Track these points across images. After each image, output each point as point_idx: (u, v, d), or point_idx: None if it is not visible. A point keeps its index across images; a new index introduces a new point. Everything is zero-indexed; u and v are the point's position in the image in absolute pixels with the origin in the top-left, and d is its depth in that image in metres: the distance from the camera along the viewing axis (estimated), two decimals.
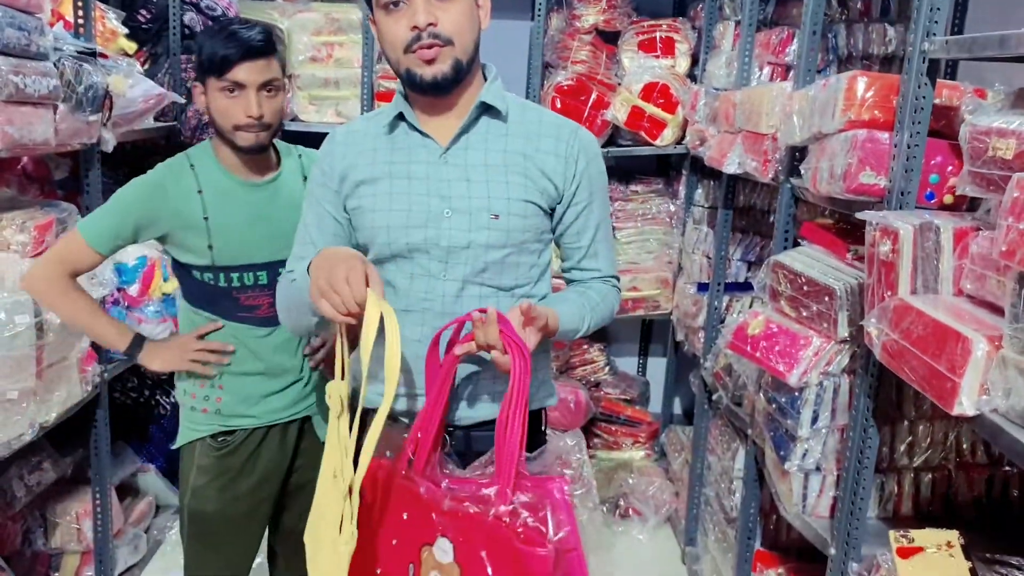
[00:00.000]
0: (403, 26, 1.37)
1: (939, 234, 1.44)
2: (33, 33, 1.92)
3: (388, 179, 1.45)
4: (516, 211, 1.44)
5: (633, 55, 3.41)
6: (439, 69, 1.38)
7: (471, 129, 1.46)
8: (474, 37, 1.41)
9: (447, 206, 1.43)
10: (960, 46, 1.42)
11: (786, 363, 1.87)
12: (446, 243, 1.43)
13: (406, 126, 1.47)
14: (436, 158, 1.45)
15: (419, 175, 1.45)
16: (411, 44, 1.37)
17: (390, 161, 1.46)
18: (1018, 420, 1.19)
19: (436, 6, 1.36)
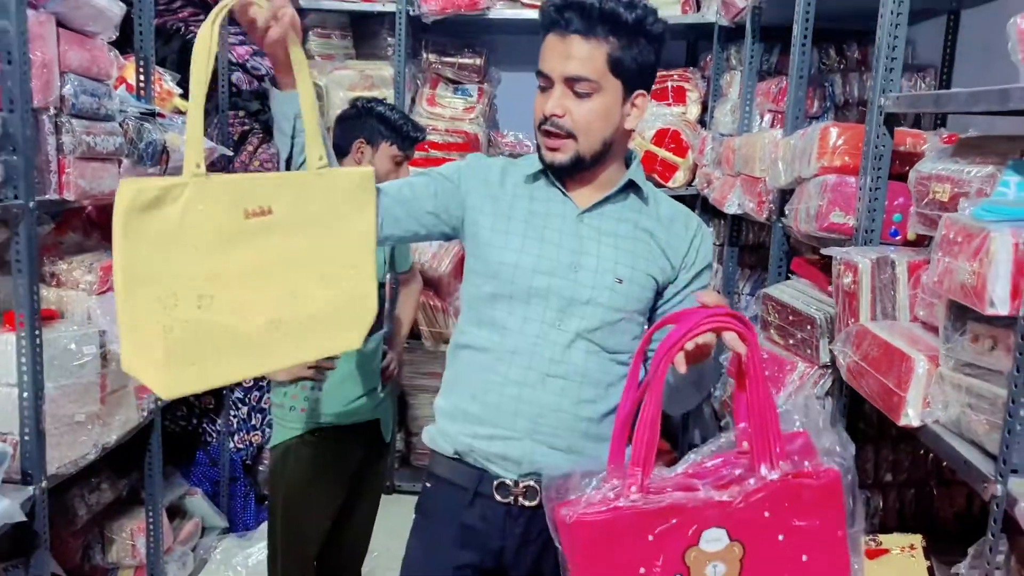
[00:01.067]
0: (539, 107, 1.44)
1: (895, 267, 1.62)
2: (103, 98, 2.18)
3: (525, 221, 1.49)
4: (638, 280, 1.49)
5: None
6: (557, 157, 1.44)
7: (612, 200, 1.51)
8: (605, 135, 1.44)
9: (576, 261, 1.47)
10: (906, 102, 1.62)
11: (774, 387, 2.04)
12: (568, 294, 1.47)
13: (547, 182, 1.52)
14: (573, 216, 1.50)
15: (554, 227, 1.49)
16: (540, 124, 1.44)
17: (529, 208, 1.51)
18: (954, 429, 1.37)
19: (571, 98, 1.41)
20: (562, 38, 1.40)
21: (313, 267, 1.31)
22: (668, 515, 1.20)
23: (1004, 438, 1.17)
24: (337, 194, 1.32)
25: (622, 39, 1.39)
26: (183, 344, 1.21)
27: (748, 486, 1.22)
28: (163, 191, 1.17)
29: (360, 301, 1.37)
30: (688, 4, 3.59)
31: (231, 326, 1.25)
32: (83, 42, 2.11)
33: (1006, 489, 1.15)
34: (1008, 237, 1.15)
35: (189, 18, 3.11)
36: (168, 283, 1.19)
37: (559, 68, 1.40)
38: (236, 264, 1.24)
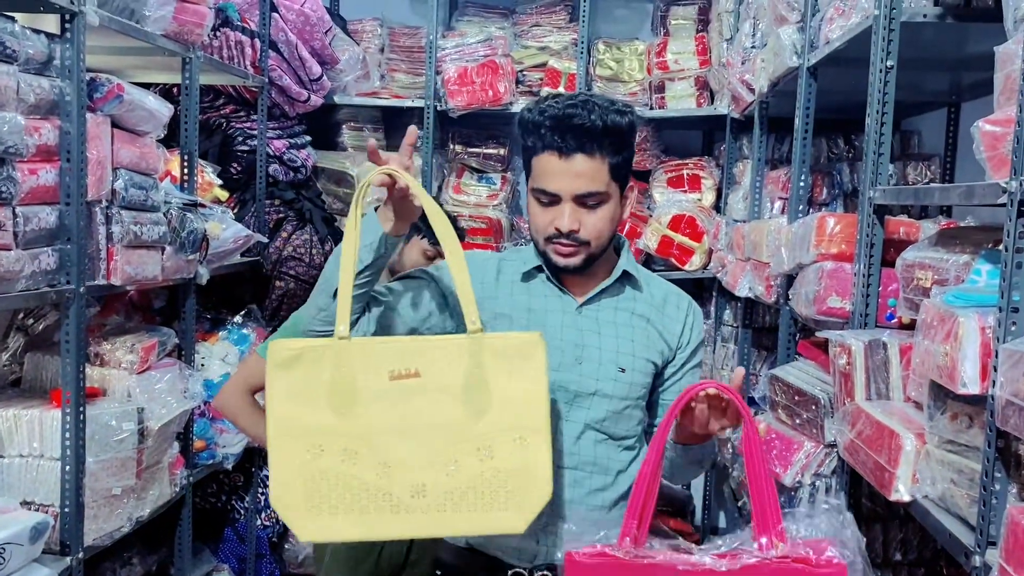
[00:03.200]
0: (548, 220, 1.45)
1: (887, 349, 1.71)
2: (150, 190, 2.36)
3: (526, 319, 1.50)
4: (639, 367, 1.52)
5: (663, 190, 3.78)
6: (571, 262, 1.47)
7: (608, 291, 1.54)
8: (611, 234, 1.50)
9: (579, 354, 1.50)
10: (893, 195, 1.73)
11: (782, 465, 2.11)
12: (575, 388, 1.49)
13: (543, 278, 1.54)
14: (572, 310, 1.53)
15: (554, 322, 1.51)
16: (551, 238, 1.46)
17: (528, 306, 1.52)
18: (941, 504, 1.43)
19: (582, 212, 1.44)
20: (566, 159, 1.42)
21: (467, 436, 1.28)
22: (657, 573, 1.21)
23: (980, 511, 1.24)
24: (496, 359, 1.29)
25: (618, 146, 1.45)
26: (325, 494, 1.27)
27: (746, 559, 1.25)
28: (302, 351, 1.28)
29: (526, 478, 1.30)
30: (703, 97, 3.77)
31: (376, 484, 1.28)
32: (134, 140, 2.31)
33: (983, 560, 1.21)
34: (975, 322, 1.24)
35: (231, 114, 3.33)
36: (314, 435, 1.27)
37: (569, 188, 1.43)
38: (382, 423, 1.27)
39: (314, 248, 3.29)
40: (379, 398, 1.28)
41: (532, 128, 1.45)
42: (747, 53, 3.05)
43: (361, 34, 3.93)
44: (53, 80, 1.96)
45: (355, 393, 1.27)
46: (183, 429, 2.70)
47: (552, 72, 3.81)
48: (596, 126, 1.41)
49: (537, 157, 1.46)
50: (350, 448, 1.28)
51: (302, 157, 3.49)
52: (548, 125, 1.43)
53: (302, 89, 3.41)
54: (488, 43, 3.82)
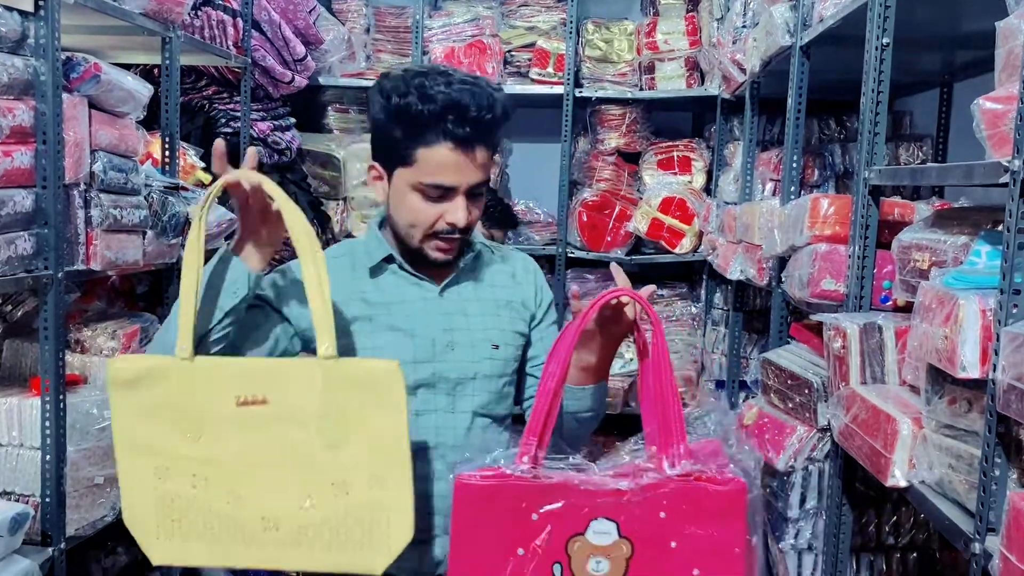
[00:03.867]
0: (435, 214, 1.37)
1: (882, 332, 1.68)
2: (130, 173, 2.31)
3: (386, 316, 1.42)
4: (511, 341, 1.48)
5: (653, 173, 3.75)
6: (450, 257, 1.42)
7: (465, 270, 1.48)
8: None
9: (450, 339, 1.43)
10: (888, 175, 1.70)
11: (774, 449, 2.09)
12: (455, 375, 1.42)
13: (395, 268, 1.46)
14: (433, 295, 1.46)
15: (417, 311, 1.44)
16: (439, 234, 1.38)
17: (385, 300, 1.44)
18: (938, 490, 1.41)
19: (470, 203, 1.38)
20: (466, 152, 1.34)
21: (322, 469, 1.20)
22: (556, 494, 1.15)
23: (980, 497, 1.22)
24: (352, 389, 1.20)
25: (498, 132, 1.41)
26: (177, 518, 1.20)
27: (647, 478, 1.17)
28: (144, 372, 1.19)
29: (385, 517, 1.22)
30: (693, 78, 3.73)
31: (226, 513, 1.21)
32: (113, 122, 2.25)
33: (983, 547, 1.19)
34: (975, 304, 1.21)
35: (213, 95, 3.27)
36: (161, 456, 1.19)
37: (466, 180, 1.36)
38: (230, 451, 1.19)
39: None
40: (227, 424, 1.20)
41: (420, 117, 1.32)
42: (738, 32, 3.01)
43: (346, 14, 3.87)
44: (27, 59, 1.90)
45: (202, 418, 1.19)
46: None
47: (540, 52, 3.75)
48: (496, 117, 1.34)
49: (428, 149, 1.34)
50: (199, 474, 1.20)
51: (287, 139, 3.43)
52: (443, 115, 1.31)
53: (286, 70, 3.34)
54: (475, 23, 3.76)
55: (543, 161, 4.01)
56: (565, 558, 1.17)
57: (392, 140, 1.37)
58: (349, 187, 3.63)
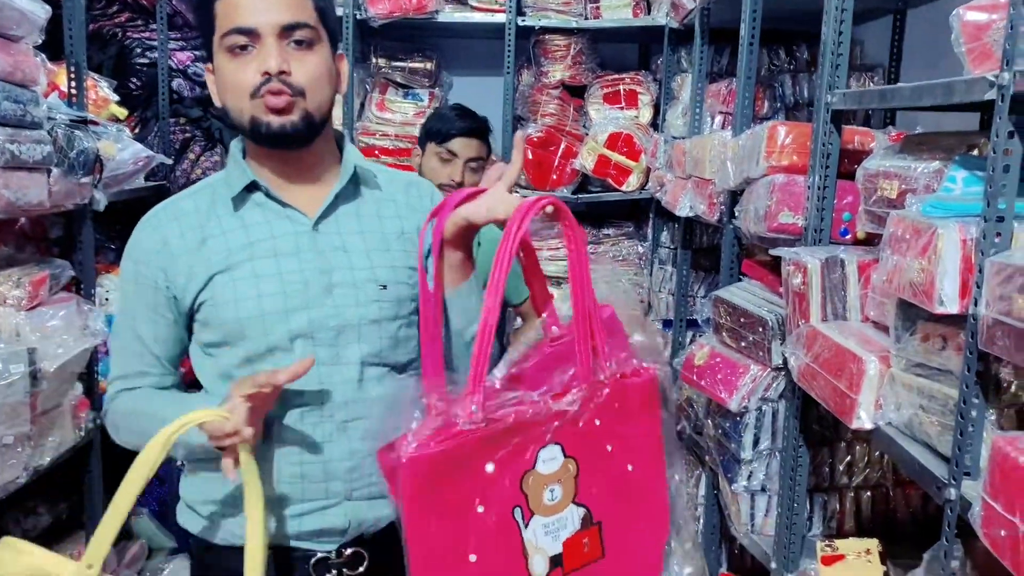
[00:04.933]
0: (251, 71, 1.22)
1: (844, 266, 1.60)
2: (28, 104, 2.09)
3: (249, 262, 1.27)
4: (402, 278, 1.32)
5: (599, 107, 3.61)
6: (289, 120, 1.23)
7: (343, 196, 1.32)
8: (329, 95, 1.29)
9: (328, 281, 1.28)
10: (853, 98, 1.59)
11: (727, 390, 2.01)
12: (335, 323, 1.27)
13: (260, 197, 1.30)
14: (306, 230, 1.29)
15: (287, 250, 1.28)
16: (259, 88, 1.22)
17: (248, 241, 1.28)
18: (907, 432, 1.34)
19: (291, 54, 1.23)
20: None
21: None
22: (512, 435, 1.09)
23: (956, 440, 1.14)
24: None
25: None
26: None
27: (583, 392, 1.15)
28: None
29: None
30: (639, 7, 3.57)
31: None
32: (7, 47, 2.02)
33: (959, 493, 1.12)
34: (956, 233, 1.12)
35: (126, 23, 3.02)
36: None
37: (271, 18, 1.22)
38: None
39: None
40: None
41: None
42: None
43: None
44: None
45: None
46: (86, 369, 2.48)
47: None
48: None
49: None
50: None
51: None
52: None
53: None
54: None
55: (485, 96, 3.81)
56: (523, 498, 1.12)
57: (200, 14, 1.28)
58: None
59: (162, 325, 1.31)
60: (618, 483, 1.18)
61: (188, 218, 1.30)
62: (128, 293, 1.34)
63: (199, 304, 1.29)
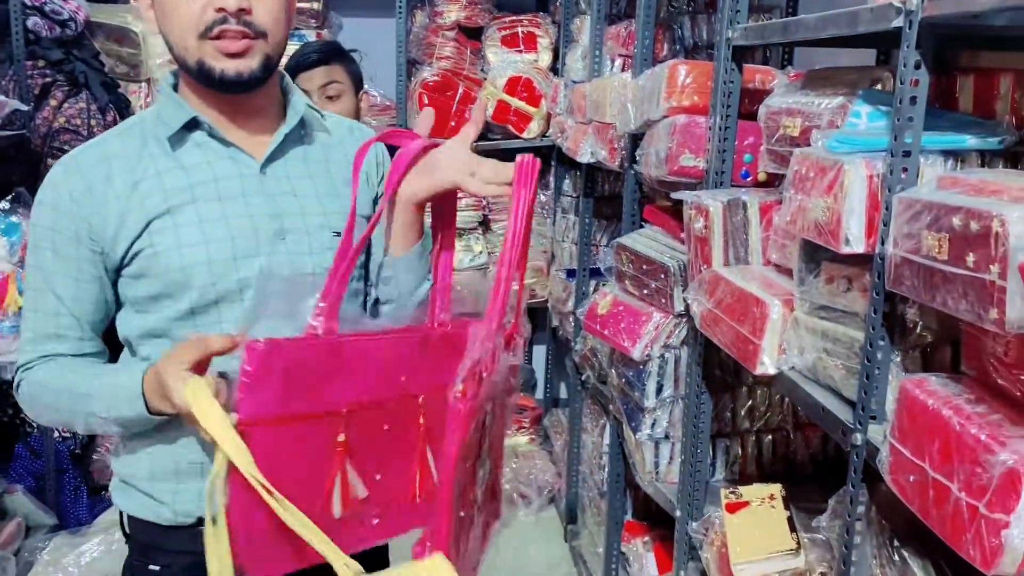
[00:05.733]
0: (200, 5, 1.11)
1: (746, 209, 1.55)
2: None
3: (191, 204, 1.17)
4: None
5: (497, 50, 3.48)
6: (247, 65, 1.14)
7: (292, 138, 1.25)
8: (287, 33, 1.20)
9: (279, 226, 1.20)
10: (755, 33, 1.53)
11: (630, 338, 1.97)
12: (288, 271, 1.19)
13: (201, 136, 1.20)
14: (253, 172, 1.21)
15: (232, 193, 1.19)
16: (211, 27, 1.11)
17: (188, 183, 1.18)
18: (811, 376, 1.30)
19: None
20: None
21: None
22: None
23: (862, 384, 1.11)
24: None
25: None
26: None
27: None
28: None
29: None
30: None
31: None
32: None
33: (865, 438, 1.09)
34: (862, 169, 1.07)
35: None
36: None
37: None
38: None
39: (92, 118, 2.79)
40: None
41: None
42: None
43: None
44: None
45: None
46: None
47: None
48: None
49: None
50: None
51: (70, 9, 2.91)
52: None
53: None
54: None
55: (376, 38, 3.64)
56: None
57: None
58: (152, 67, 3.16)
59: (83, 283, 1.19)
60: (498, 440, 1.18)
61: (116, 160, 1.18)
62: (42, 246, 1.19)
63: (133, 255, 1.17)
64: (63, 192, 1.17)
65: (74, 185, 1.17)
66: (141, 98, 3.16)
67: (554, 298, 3.43)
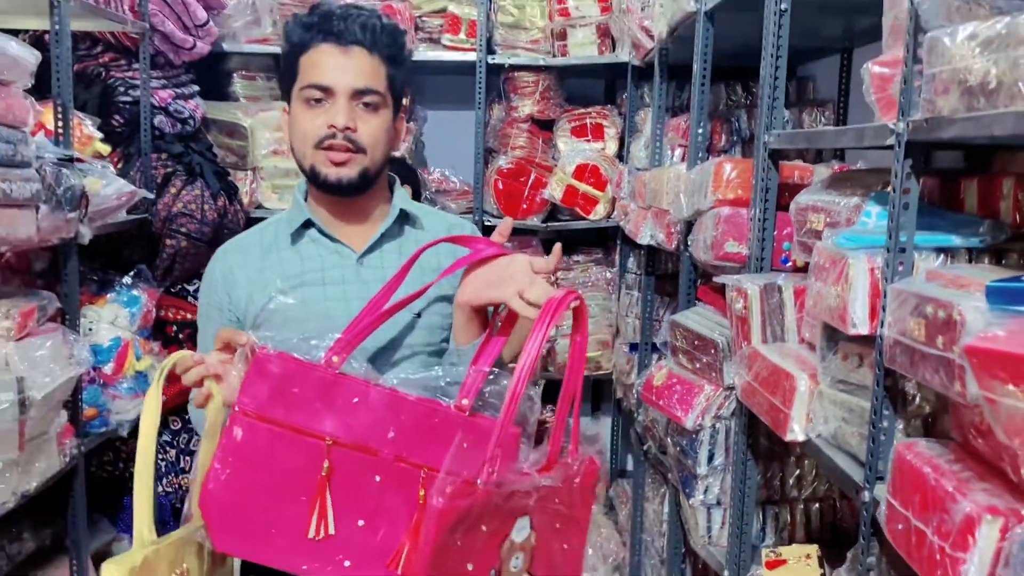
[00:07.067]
0: (320, 123, 1.38)
1: (782, 292, 1.73)
2: (19, 144, 2.20)
3: (300, 287, 1.43)
4: (435, 310, 1.46)
5: (567, 139, 3.76)
6: (345, 173, 1.39)
7: (388, 235, 1.48)
8: (386, 152, 1.45)
9: None
10: (787, 139, 1.74)
11: (683, 409, 2.14)
12: (372, 346, 1.38)
13: (314, 233, 1.47)
14: (352, 263, 1.45)
15: (334, 280, 1.43)
16: (323, 140, 1.38)
17: (301, 271, 1.44)
18: (833, 442, 1.47)
19: (358, 114, 1.39)
20: (343, 50, 1.39)
21: None
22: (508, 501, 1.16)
23: (870, 448, 1.27)
24: None
25: (393, 54, 1.43)
26: None
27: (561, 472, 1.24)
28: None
29: None
30: (604, 45, 3.74)
31: None
32: None
33: (872, 495, 1.25)
34: (864, 263, 1.26)
35: (110, 63, 3.13)
36: None
37: (345, 81, 1.38)
38: None
39: (206, 204, 3.15)
40: None
41: (304, 25, 1.41)
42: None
43: None
44: None
45: None
46: (71, 397, 2.57)
47: (452, 18, 3.71)
48: (374, 21, 1.41)
49: (308, 53, 1.40)
50: None
51: (190, 108, 3.31)
52: (321, 20, 1.39)
53: (187, 35, 3.22)
54: None
55: (458, 129, 3.98)
56: (498, 562, 1.20)
57: (286, 62, 1.44)
58: (258, 157, 3.54)
59: None
60: (556, 559, 1.27)
61: (251, 250, 1.49)
62: (203, 309, 1.53)
63: (257, 325, 1.44)
64: (216, 271, 1.50)
65: (221, 267, 1.49)
66: (247, 185, 3.52)
67: (618, 370, 3.61)
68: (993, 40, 0.94)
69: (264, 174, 3.56)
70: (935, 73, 1.05)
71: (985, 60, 0.95)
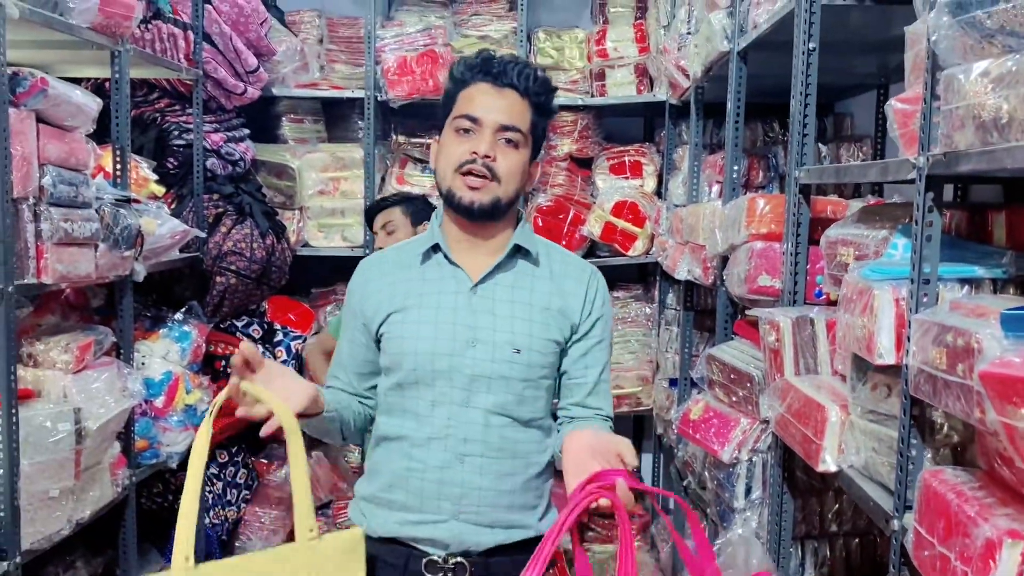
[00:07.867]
0: (464, 149, 1.48)
1: (814, 325, 1.75)
2: (80, 186, 2.32)
3: (417, 308, 1.53)
4: (537, 347, 1.52)
5: (605, 177, 3.82)
6: (479, 198, 1.48)
7: (503, 267, 1.55)
8: (519, 187, 1.53)
9: (472, 336, 1.50)
10: (816, 174, 1.77)
11: (719, 442, 2.15)
12: (469, 371, 1.49)
13: (440, 257, 1.56)
14: (466, 290, 1.53)
15: (447, 305, 1.53)
16: (463, 164, 1.48)
17: (420, 291, 1.54)
18: (864, 472, 1.48)
19: (499, 147, 1.49)
20: (498, 90, 1.51)
21: None
22: None
23: (898, 477, 1.28)
24: (326, 561, 1.38)
25: (541, 104, 1.55)
26: None
27: None
28: None
29: None
30: (642, 84, 3.81)
31: None
32: (62, 136, 2.26)
33: (901, 524, 1.26)
34: (889, 294, 1.28)
35: (165, 108, 3.28)
36: None
37: (494, 116, 1.49)
38: None
39: (255, 242, 3.26)
40: None
41: (468, 66, 1.54)
42: (683, 39, 3.09)
43: (299, 25, 3.89)
44: None
45: None
46: (124, 428, 2.66)
47: None
48: (529, 71, 1.54)
49: (466, 89, 1.52)
50: None
51: (240, 150, 3.44)
52: (486, 60, 1.53)
53: (238, 81, 3.36)
54: (428, 32, 3.80)
55: None
56: None
57: (445, 96, 1.56)
58: (305, 196, 3.66)
59: (355, 345, 1.63)
60: None
61: (386, 265, 1.63)
62: (344, 318, 1.69)
63: (380, 334, 1.58)
64: (356, 283, 1.65)
65: (360, 279, 1.65)
66: (295, 224, 3.64)
67: (658, 406, 3.62)
68: (1004, 77, 0.98)
69: (311, 213, 3.68)
70: (952, 109, 1.08)
71: (997, 96, 0.98)
